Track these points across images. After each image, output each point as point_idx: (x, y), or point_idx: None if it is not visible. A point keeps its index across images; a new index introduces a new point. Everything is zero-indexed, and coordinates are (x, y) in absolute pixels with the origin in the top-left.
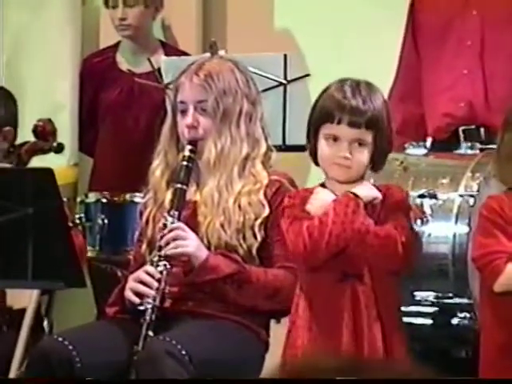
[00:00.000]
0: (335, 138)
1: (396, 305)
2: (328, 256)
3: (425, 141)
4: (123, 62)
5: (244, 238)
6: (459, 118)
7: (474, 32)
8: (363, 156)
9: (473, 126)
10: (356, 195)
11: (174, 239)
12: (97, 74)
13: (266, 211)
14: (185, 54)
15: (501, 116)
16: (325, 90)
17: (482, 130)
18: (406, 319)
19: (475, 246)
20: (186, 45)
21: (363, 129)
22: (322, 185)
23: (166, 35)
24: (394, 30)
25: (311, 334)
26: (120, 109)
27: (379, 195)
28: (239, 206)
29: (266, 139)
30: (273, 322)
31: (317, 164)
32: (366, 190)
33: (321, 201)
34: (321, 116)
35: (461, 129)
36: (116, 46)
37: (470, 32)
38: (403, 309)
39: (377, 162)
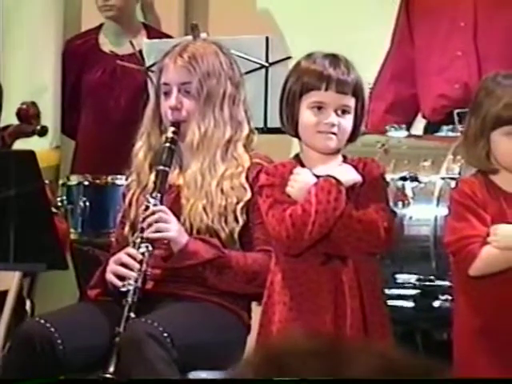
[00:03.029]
0: (319, 107)
1: (379, 287)
2: (310, 243)
3: (411, 123)
4: (106, 44)
5: (226, 221)
6: (454, 100)
7: (467, 13)
8: (348, 123)
9: (467, 109)
10: (337, 180)
11: (156, 221)
12: (79, 56)
13: (248, 195)
14: (167, 36)
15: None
16: (296, 67)
17: None
18: (387, 302)
19: (448, 230)
20: (167, 28)
21: (349, 95)
22: (298, 158)
23: (148, 18)
24: (378, 8)
25: (291, 313)
26: (102, 90)
27: (360, 178)
28: (221, 190)
29: (248, 122)
30: (254, 305)
31: (296, 136)
32: (347, 174)
33: (301, 183)
34: (304, 85)
35: (456, 111)
36: (99, 27)
37: (463, 13)
38: (385, 291)
39: (355, 132)
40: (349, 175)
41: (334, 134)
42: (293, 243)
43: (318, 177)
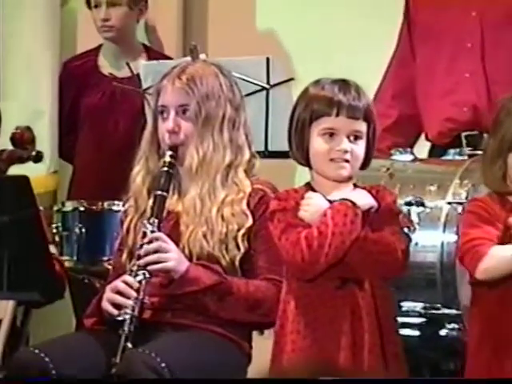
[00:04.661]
0: (331, 133)
1: (393, 313)
2: (327, 267)
3: (412, 145)
4: (105, 66)
5: (227, 248)
6: (463, 123)
7: (473, 34)
8: (360, 149)
9: (476, 132)
10: (353, 203)
11: (155, 251)
12: (77, 78)
13: (250, 221)
14: (168, 58)
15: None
16: (303, 94)
17: (486, 135)
18: None
19: (460, 237)
20: (165, 49)
21: (361, 120)
22: (309, 185)
23: (151, 39)
24: (381, 32)
25: (305, 341)
26: (101, 114)
27: (375, 204)
28: (222, 216)
29: (249, 146)
30: (256, 335)
31: (307, 165)
32: (364, 198)
33: (315, 206)
34: (314, 112)
35: (464, 134)
36: (98, 48)
37: (469, 34)
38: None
39: (367, 158)
40: (365, 199)
41: (347, 161)
42: (308, 266)
43: (331, 202)
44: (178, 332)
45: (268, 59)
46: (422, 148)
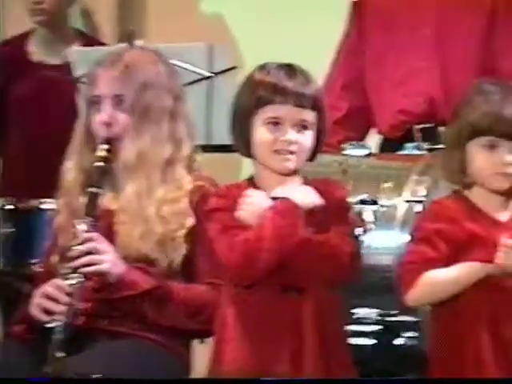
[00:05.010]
0: (276, 123)
1: (341, 323)
2: (265, 273)
3: (364, 137)
4: (36, 53)
5: (165, 250)
6: (416, 115)
7: (429, 20)
8: (307, 140)
9: (431, 125)
10: (295, 203)
11: (89, 253)
12: (5, 65)
13: (190, 221)
14: (104, 45)
15: None
16: (247, 79)
17: (442, 128)
18: None
19: (405, 253)
20: (101, 35)
21: (308, 109)
22: (252, 179)
23: (87, 25)
24: (333, 16)
25: (244, 351)
26: (31, 104)
27: (320, 201)
28: (161, 216)
29: (189, 139)
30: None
31: (250, 156)
32: (306, 196)
33: (254, 206)
34: (258, 100)
35: (417, 127)
36: (28, 34)
37: (424, 20)
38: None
39: (316, 150)
40: (308, 197)
41: (292, 152)
42: (245, 272)
43: (274, 199)
44: (114, 340)
45: (211, 46)
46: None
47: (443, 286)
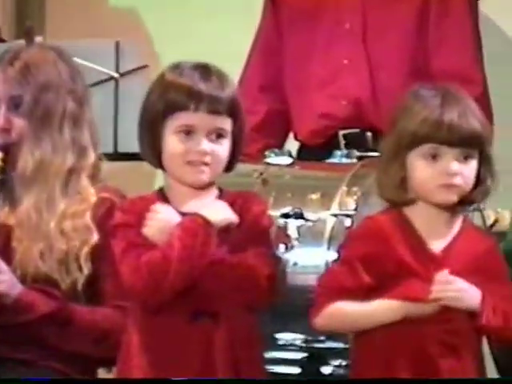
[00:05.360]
0: (188, 131)
1: (258, 350)
2: (172, 297)
3: (283, 144)
4: None
5: (67, 270)
6: (341, 120)
7: (353, 13)
8: (223, 150)
9: (357, 130)
10: (206, 220)
11: None
12: None
13: (94, 238)
14: (2, 41)
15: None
16: (158, 80)
17: (369, 134)
18: (267, 367)
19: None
20: None
21: (224, 116)
22: (162, 192)
23: None
24: (254, 8)
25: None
26: None
27: (234, 218)
28: (62, 231)
29: (94, 147)
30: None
31: (160, 167)
32: (219, 213)
33: (161, 222)
34: (169, 104)
35: (341, 133)
36: None
37: (348, 13)
38: (264, 355)
39: (232, 159)
40: (221, 214)
41: (206, 164)
42: (150, 296)
43: (184, 215)
44: (12, 369)
45: (118, 43)
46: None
47: (352, 320)
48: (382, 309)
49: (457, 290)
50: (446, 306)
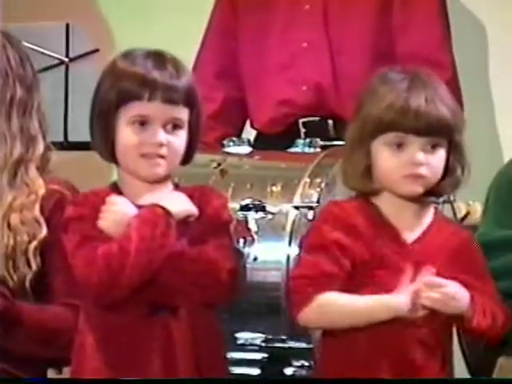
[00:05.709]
0: (143, 122)
1: (220, 347)
2: (130, 291)
3: (241, 133)
4: None
5: (14, 265)
6: (301, 107)
7: None
8: (180, 141)
9: (317, 118)
10: (166, 210)
11: None
12: None
13: (43, 232)
14: None
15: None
16: (110, 68)
17: (331, 122)
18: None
19: (297, 264)
20: None
21: (180, 105)
22: (115, 186)
23: None
24: None
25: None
26: None
27: (195, 211)
28: (9, 225)
29: (43, 136)
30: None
31: (113, 161)
32: (179, 204)
33: (117, 214)
34: (122, 94)
35: (301, 121)
36: None
37: None
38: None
39: (189, 151)
40: (181, 205)
41: (162, 156)
42: (106, 290)
43: (140, 208)
44: None
45: (68, 25)
46: None
47: (346, 314)
48: (379, 306)
49: (446, 294)
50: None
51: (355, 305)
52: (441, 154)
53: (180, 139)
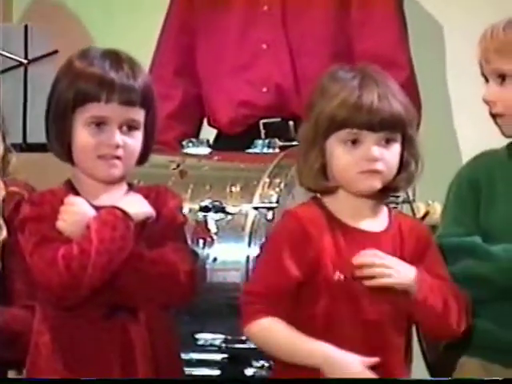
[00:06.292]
0: (100, 123)
1: (176, 349)
2: (90, 292)
3: (199, 132)
4: None
5: None
6: (262, 108)
7: None
8: (136, 142)
9: (278, 119)
10: (125, 213)
11: None
12: None
13: (3, 234)
14: None
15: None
16: (67, 67)
17: (291, 123)
18: (185, 369)
19: (253, 276)
20: None
21: (137, 107)
22: (70, 184)
23: None
24: None
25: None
26: None
27: (153, 213)
28: None
29: (3, 138)
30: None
31: (69, 161)
32: (137, 206)
33: (76, 215)
34: (79, 95)
35: (262, 122)
36: None
37: None
38: (182, 356)
39: (145, 151)
40: (139, 207)
41: (118, 158)
42: (67, 292)
43: (97, 208)
44: None
45: (27, 27)
46: None
47: (280, 347)
48: (318, 355)
49: (386, 265)
50: (383, 286)
51: (295, 344)
52: (395, 148)
53: (136, 140)
